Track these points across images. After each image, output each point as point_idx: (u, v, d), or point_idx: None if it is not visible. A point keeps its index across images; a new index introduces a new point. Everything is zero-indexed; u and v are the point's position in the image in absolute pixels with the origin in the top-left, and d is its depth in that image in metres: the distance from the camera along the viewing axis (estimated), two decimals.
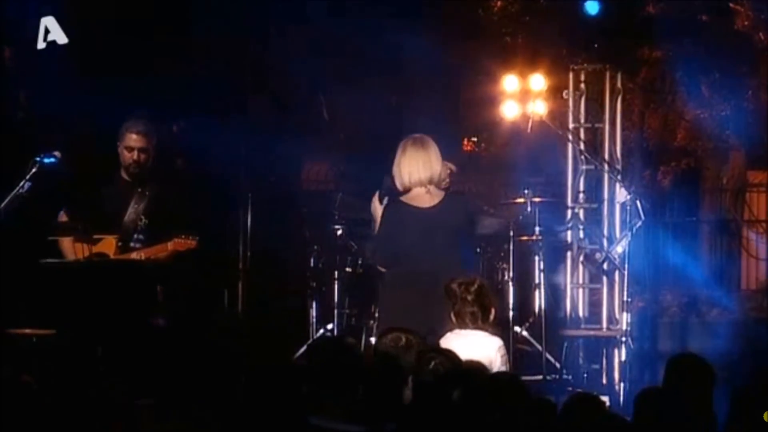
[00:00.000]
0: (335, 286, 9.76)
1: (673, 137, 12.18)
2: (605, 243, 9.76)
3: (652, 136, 12.11)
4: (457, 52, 11.09)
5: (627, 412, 5.27)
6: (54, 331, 7.23)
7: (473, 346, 6.54)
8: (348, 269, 9.72)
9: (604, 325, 9.93)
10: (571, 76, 10.22)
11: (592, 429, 4.76)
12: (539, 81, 10.35)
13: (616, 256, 8.97)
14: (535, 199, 9.76)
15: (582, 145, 10.04)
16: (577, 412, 4.83)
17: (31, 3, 8.30)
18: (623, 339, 8.93)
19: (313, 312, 9.93)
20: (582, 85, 10.15)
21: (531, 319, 9.75)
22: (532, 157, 10.87)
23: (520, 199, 9.84)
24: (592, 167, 10.07)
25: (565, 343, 9.52)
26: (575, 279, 10.13)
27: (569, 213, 10.12)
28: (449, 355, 5.51)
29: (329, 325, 9.75)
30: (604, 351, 9.66)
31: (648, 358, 9.83)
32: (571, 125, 10.22)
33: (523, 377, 8.64)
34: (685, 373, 5.59)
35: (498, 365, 6.62)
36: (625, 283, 8.91)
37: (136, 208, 7.74)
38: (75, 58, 8.70)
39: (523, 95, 10.43)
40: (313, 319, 9.91)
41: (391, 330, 5.72)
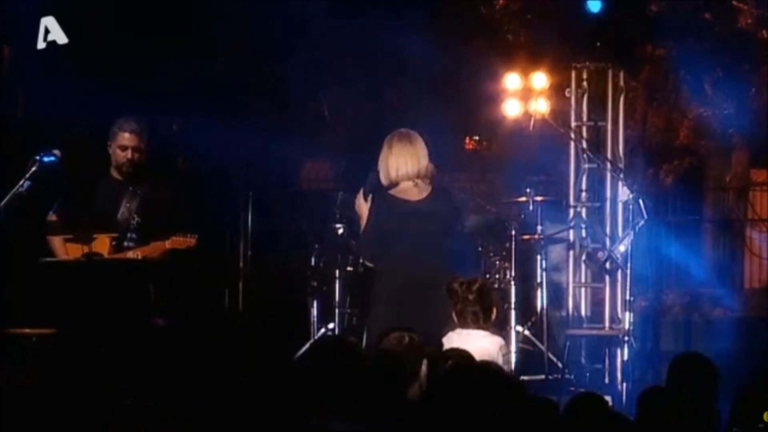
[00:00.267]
0: (336, 285, 9.74)
1: (676, 136, 12.16)
2: (608, 242, 9.74)
3: (654, 134, 12.08)
4: (458, 50, 11.06)
5: (629, 411, 5.24)
6: (54, 330, 7.21)
7: (475, 345, 6.51)
8: (349, 268, 9.68)
9: (607, 324, 9.91)
10: (573, 74, 10.21)
11: (596, 428, 4.74)
12: (541, 79, 10.31)
13: (619, 255, 8.95)
14: (537, 198, 9.74)
15: (584, 144, 10.02)
16: (580, 412, 4.81)
17: (31, 3, 8.28)
18: (626, 338, 8.91)
19: (314, 311, 9.90)
20: (584, 84, 10.13)
21: (533, 319, 9.72)
22: (534, 156, 10.84)
23: (522, 198, 9.82)
24: (594, 166, 10.06)
25: (567, 343, 9.49)
26: (577, 278, 10.11)
27: (572, 212, 10.10)
28: (464, 354, 5.50)
29: (330, 325, 9.73)
30: (607, 350, 9.64)
31: (650, 358, 9.80)
32: (573, 124, 10.20)
33: (525, 377, 8.72)
34: (688, 373, 5.58)
35: (500, 365, 6.60)
36: (627, 282, 8.89)
37: (128, 206, 7.70)
38: (75, 58, 8.68)
39: (525, 93, 10.40)
40: (314, 319, 9.89)
41: (393, 329, 5.70)
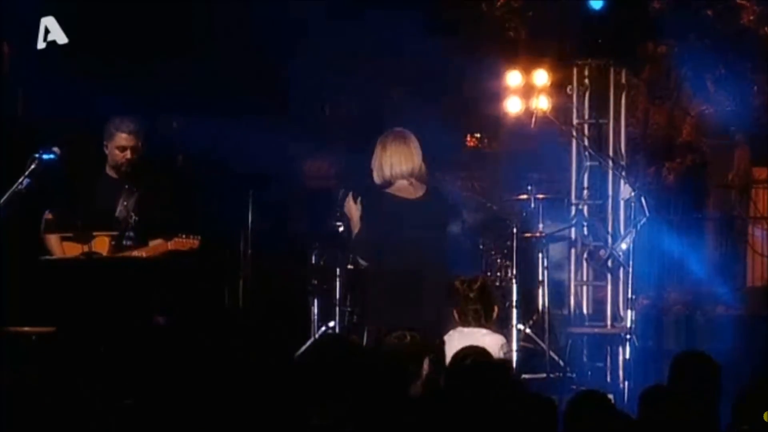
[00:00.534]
0: (337, 284, 9.72)
1: (678, 133, 12.12)
2: (609, 240, 9.73)
3: (656, 132, 12.05)
4: (460, 47, 11.03)
5: (631, 410, 5.23)
6: (54, 329, 7.19)
7: (476, 343, 6.49)
8: (349, 266, 9.66)
9: (609, 322, 9.90)
10: (575, 71, 10.20)
11: (599, 427, 4.73)
12: (543, 76, 10.29)
13: (621, 253, 8.95)
14: (539, 196, 9.73)
15: (586, 141, 10.01)
16: (584, 410, 4.80)
17: (31, 2, 8.27)
18: (627, 336, 8.90)
19: (314, 309, 9.89)
20: (586, 81, 10.11)
21: (534, 317, 9.70)
22: (536, 154, 10.82)
23: (524, 196, 9.80)
24: (596, 163, 10.06)
25: (569, 341, 9.48)
26: (579, 276, 10.10)
27: (573, 209, 10.09)
28: (483, 351, 5.51)
29: (331, 323, 9.72)
30: (608, 349, 9.62)
31: (652, 356, 9.78)
32: (575, 121, 10.20)
33: (526, 375, 8.71)
34: (690, 371, 5.57)
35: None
36: (629, 281, 8.88)
37: (125, 205, 7.69)
38: (75, 58, 8.68)
39: (526, 91, 10.38)
40: (315, 317, 9.88)
41: (394, 328, 5.70)
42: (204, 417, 5.71)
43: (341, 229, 9.66)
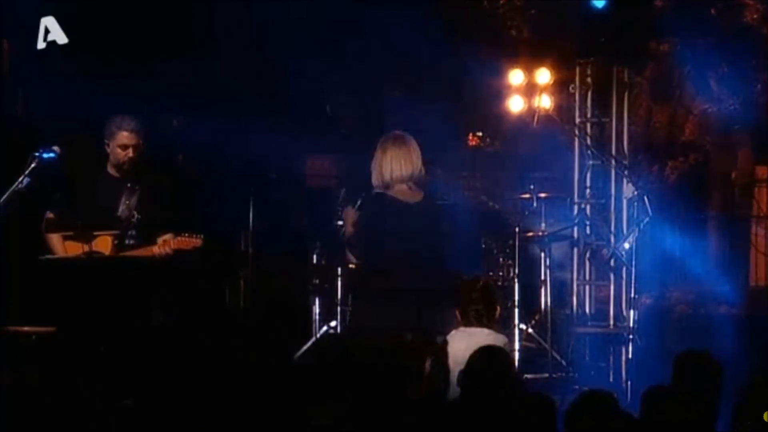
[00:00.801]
0: (338, 283, 9.70)
1: (681, 132, 12.09)
2: (612, 239, 9.72)
3: (659, 130, 12.02)
4: (461, 45, 11.01)
5: (634, 409, 5.21)
6: (54, 329, 7.18)
7: (478, 344, 6.47)
8: (351, 266, 9.63)
9: (611, 322, 9.89)
10: (577, 70, 10.19)
11: (601, 426, 4.72)
12: (545, 75, 10.28)
13: (623, 252, 8.93)
14: (541, 195, 9.71)
15: (588, 140, 10.00)
16: (586, 409, 4.79)
17: (31, 2, 8.27)
18: (630, 336, 8.88)
19: (315, 309, 9.88)
20: (589, 80, 10.10)
21: (537, 317, 9.68)
22: (538, 152, 10.80)
23: (526, 195, 9.79)
24: (598, 162, 10.05)
25: (571, 341, 9.46)
26: (582, 275, 10.08)
27: (576, 209, 10.07)
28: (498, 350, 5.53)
29: (332, 323, 9.70)
30: (611, 348, 9.60)
31: (655, 355, 9.75)
32: (577, 120, 10.19)
33: (528, 375, 8.70)
34: (693, 370, 5.56)
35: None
36: (632, 280, 8.86)
37: (127, 204, 7.68)
38: (75, 58, 8.68)
39: (529, 89, 10.37)
40: (316, 317, 9.87)
41: (394, 328, 5.69)
42: (204, 417, 5.70)
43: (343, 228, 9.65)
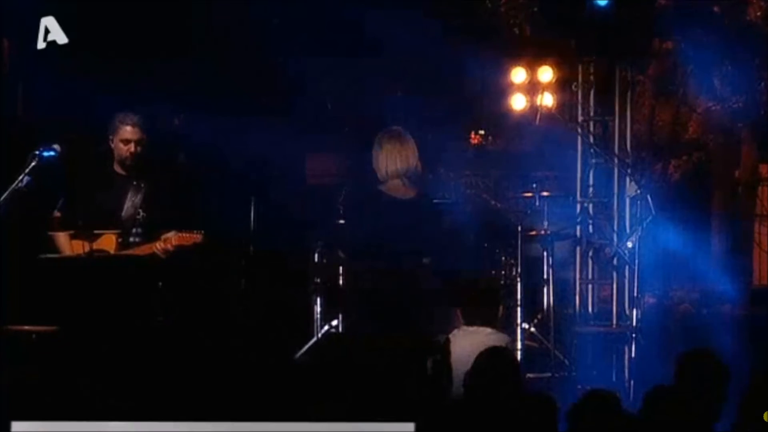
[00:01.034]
0: (340, 282, 9.67)
1: (684, 130, 12.08)
2: (615, 238, 9.69)
3: (662, 129, 12.00)
4: (463, 43, 10.99)
5: (637, 408, 5.19)
6: (55, 328, 7.17)
7: (481, 342, 6.47)
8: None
9: (614, 321, 9.87)
10: (580, 68, 10.16)
11: (603, 426, 4.70)
12: (547, 73, 10.27)
13: (626, 251, 8.91)
14: (544, 194, 9.70)
15: (591, 139, 9.98)
16: (591, 409, 4.77)
17: (31, 2, 8.26)
18: (633, 335, 8.86)
19: (317, 308, 9.85)
20: (591, 78, 10.08)
21: (539, 316, 9.66)
22: (541, 151, 10.79)
23: (528, 194, 9.77)
24: (601, 161, 10.03)
25: (574, 340, 9.44)
26: (584, 275, 10.06)
27: (578, 207, 10.06)
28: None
29: (334, 322, 9.67)
30: (614, 347, 9.58)
31: (658, 355, 9.73)
32: (580, 118, 10.17)
33: (531, 374, 8.67)
34: (696, 370, 5.54)
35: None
36: (635, 279, 8.84)
37: (133, 201, 7.72)
38: (75, 58, 8.67)
39: (531, 88, 10.36)
40: (318, 316, 9.84)
41: (395, 328, 5.69)
42: (204, 417, 5.67)
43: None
